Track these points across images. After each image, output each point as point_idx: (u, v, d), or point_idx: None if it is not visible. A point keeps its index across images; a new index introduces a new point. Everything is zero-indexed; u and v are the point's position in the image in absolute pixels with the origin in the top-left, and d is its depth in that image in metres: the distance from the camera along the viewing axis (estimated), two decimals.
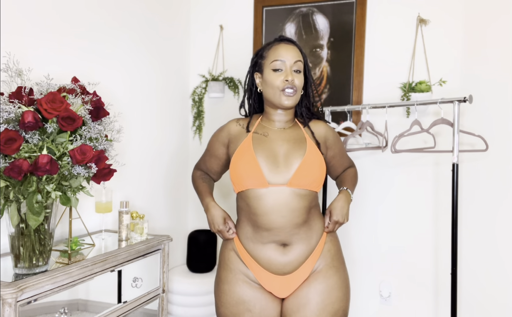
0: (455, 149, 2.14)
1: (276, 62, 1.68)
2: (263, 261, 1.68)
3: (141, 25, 2.58)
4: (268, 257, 1.67)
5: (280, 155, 1.67)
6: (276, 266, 1.67)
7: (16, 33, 1.84)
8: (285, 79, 1.67)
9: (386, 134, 2.46)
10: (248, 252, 1.70)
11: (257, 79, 1.78)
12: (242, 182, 1.66)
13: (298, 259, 1.68)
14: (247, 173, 1.64)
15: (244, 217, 1.71)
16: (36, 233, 1.56)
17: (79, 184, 1.59)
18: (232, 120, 1.83)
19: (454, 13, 2.55)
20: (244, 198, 1.68)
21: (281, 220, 1.64)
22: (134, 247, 1.99)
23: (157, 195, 2.77)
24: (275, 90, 1.68)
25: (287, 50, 1.70)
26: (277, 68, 1.68)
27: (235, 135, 1.77)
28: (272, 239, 1.66)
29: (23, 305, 1.46)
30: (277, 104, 1.71)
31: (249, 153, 1.66)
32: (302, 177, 1.64)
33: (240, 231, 1.74)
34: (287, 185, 1.63)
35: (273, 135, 1.73)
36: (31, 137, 1.48)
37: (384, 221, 2.72)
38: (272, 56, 1.70)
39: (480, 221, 2.52)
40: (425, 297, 2.66)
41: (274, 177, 1.64)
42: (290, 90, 1.68)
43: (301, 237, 1.68)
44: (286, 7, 2.87)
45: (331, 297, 1.69)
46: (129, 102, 2.49)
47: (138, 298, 2.01)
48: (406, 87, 2.59)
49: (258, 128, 1.76)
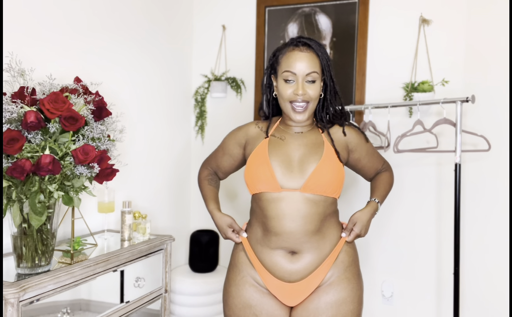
0: (457, 149, 2.13)
1: (286, 73, 1.59)
2: (269, 266, 1.62)
3: (144, 25, 2.58)
4: (275, 262, 1.61)
5: (295, 160, 1.61)
6: (282, 273, 1.61)
7: (19, 33, 1.85)
8: (295, 93, 1.58)
9: (388, 134, 2.46)
10: (256, 255, 1.65)
11: (274, 82, 1.69)
12: (256, 185, 1.61)
13: (307, 268, 1.60)
14: (260, 176, 1.60)
15: (256, 220, 1.66)
16: (39, 233, 1.56)
17: (81, 184, 1.59)
18: (251, 122, 1.78)
19: (456, 13, 2.55)
20: (257, 200, 1.64)
21: (292, 225, 1.57)
22: (137, 247, 1.99)
23: (160, 195, 2.78)
24: (286, 102, 1.61)
25: (301, 60, 1.58)
26: (288, 79, 1.59)
27: (253, 137, 1.71)
28: (281, 245, 1.60)
29: (26, 305, 1.46)
30: (289, 116, 1.65)
31: (263, 157, 1.61)
32: (316, 182, 1.57)
33: (251, 233, 1.68)
34: (300, 190, 1.57)
35: (290, 139, 1.67)
36: (34, 137, 1.48)
37: (386, 221, 2.72)
38: (284, 65, 1.60)
39: (483, 221, 2.52)
40: (427, 297, 2.66)
41: (287, 182, 1.58)
42: (301, 104, 1.60)
43: (312, 245, 1.60)
44: (289, 7, 2.87)
45: (342, 311, 1.59)
46: (132, 102, 2.49)
47: (140, 298, 2.01)
48: (409, 87, 2.59)
49: (276, 131, 1.70)
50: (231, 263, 1.74)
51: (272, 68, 1.69)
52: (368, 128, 2.50)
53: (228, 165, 1.82)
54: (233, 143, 1.77)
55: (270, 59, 1.70)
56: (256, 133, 1.72)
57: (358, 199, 2.67)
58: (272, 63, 1.68)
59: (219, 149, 1.84)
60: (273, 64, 1.67)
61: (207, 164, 1.89)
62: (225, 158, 1.81)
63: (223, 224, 1.71)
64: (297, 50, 1.60)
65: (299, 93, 1.58)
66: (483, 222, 2.52)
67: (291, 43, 1.63)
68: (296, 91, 1.58)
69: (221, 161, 1.82)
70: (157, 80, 2.72)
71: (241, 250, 1.70)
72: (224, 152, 1.80)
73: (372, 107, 2.42)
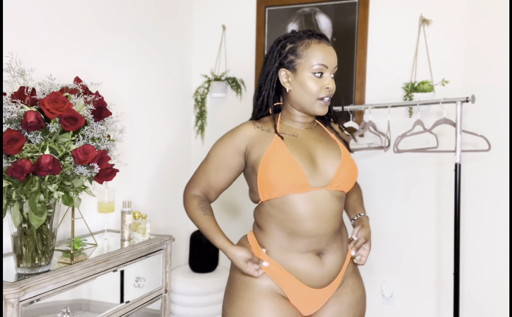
0: (457, 149, 2.13)
1: (319, 67, 1.48)
2: (301, 272, 1.49)
3: (144, 25, 2.58)
4: (307, 267, 1.49)
5: (317, 156, 1.52)
6: (314, 278, 1.50)
7: (19, 33, 1.85)
8: (326, 87, 1.49)
9: (388, 134, 2.46)
10: (280, 264, 1.50)
11: (284, 77, 1.54)
12: (279, 187, 1.45)
13: (333, 269, 1.53)
14: (287, 176, 1.44)
15: (276, 226, 1.50)
16: (39, 233, 1.56)
17: (81, 184, 1.59)
18: (246, 123, 1.56)
19: (456, 13, 2.55)
20: (279, 205, 1.48)
21: (324, 225, 1.48)
22: (137, 247, 1.99)
23: (160, 195, 2.78)
24: (312, 97, 1.50)
25: (331, 54, 1.51)
26: (319, 73, 1.49)
27: (257, 138, 1.52)
28: (311, 248, 1.49)
29: (26, 305, 1.46)
30: (309, 111, 1.53)
31: (286, 155, 1.47)
32: (342, 178, 1.51)
33: (270, 241, 1.52)
34: (327, 188, 1.49)
35: (302, 135, 1.56)
36: (34, 137, 1.48)
37: (386, 221, 2.72)
38: (314, 59, 1.48)
39: (482, 221, 2.52)
40: (427, 297, 2.66)
41: (315, 180, 1.47)
42: (328, 98, 1.52)
43: (337, 245, 1.53)
44: (289, 7, 2.87)
45: (360, 308, 1.59)
46: (132, 102, 2.49)
47: (140, 298, 2.01)
48: (409, 87, 2.59)
49: (282, 129, 1.56)
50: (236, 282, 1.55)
51: (285, 61, 1.53)
52: (368, 128, 2.50)
53: (224, 181, 1.59)
54: (230, 153, 1.54)
55: (278, 51, 1.54)
56: (258, 134, 1.53)
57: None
58: (286, 56, 1.53)
59: (209, 164, 1.58)
60: (286, 56, 1.53)
61: (194, 188, 1.62)
62: (221, 172, 1.57)
63: (241, 260, 1.50)
64: (324, 42, 1.52)
65: (331, 87, 1.50)
66: (483, 222, 2.51)
67: (311, 35, 1.53)
68: (328, 85, 1.49)
69: (215, 177, 1.58)
70: (157, 80, 2.72)
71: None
72: (218, 166, 1.57)
73: (372, 107, 2.42)
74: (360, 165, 2.75)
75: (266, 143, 1.51)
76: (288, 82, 1.54)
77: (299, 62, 1.51)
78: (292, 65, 1.52)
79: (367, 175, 2.74)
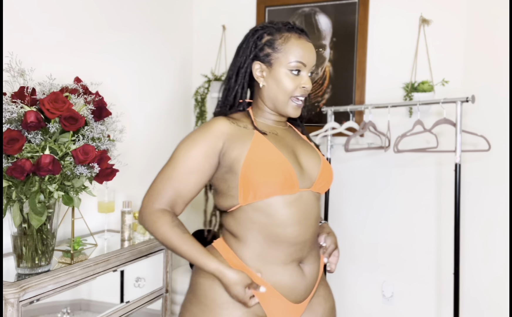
0: (457, 149, 2.13)
1: (297, 64, 1.35)
2: (286, 287, 1.34)
3: (144, 25, 2.58)
4: (293, 280, 1.35)
5: (301, 156, 1.40)
6: (299, 292, 1.36)
7: (19, 33, 1.85)
8: (302, 86, 1.36)
9: (388, 134, 2.46)
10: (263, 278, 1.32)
11: (258, 71, 1.39)
12: (267, 187, 1.29)
13: (313, 280, 1.41)
14: (277, 175, 1.29)
15: (258, 233, 1.32)
16: (39, 233, 1.56)
17: (81, 184, 1.60)
18: (220, 119, 1.36)
19: (456, 13, 2.55)
20: (264, 208, 1.30)
21: (310, 230, 1.36)
22: (137, 247, 1.99)
23: None
24: (286, 96, 1.36)
25: (310, 51, 1.38)
26: (297, 70, 1.36)
27: (234, 135, 1.34)
28: (294, 257, 1.35)
29: (26, 305, 1.46)
30: (281, 110, 1.39)
31: (274, 154, 1.32)
32: (324, 179, 1.41)
33: (250, 252, 1.34)
34: (311, 189, 1.38)
35: (281, 134, 1.43)
36: (34, 137, 1.48)
37: (386, 221, 2.72)
38: (292, 55, 1.35)
39: (482, 221, 2.52)
40: (427, 297, 2.66)
41: (301, 181, 1.34)
42: (302, 98, 1.39)
43: (315, 252, 1.42)
44: (289, 7, 2.87)
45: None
46: (132, 102, 2.49)
47: (141, 298, 2.01)
48: (409, 87, 2.59)
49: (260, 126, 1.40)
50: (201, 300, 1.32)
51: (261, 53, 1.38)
52: (368, 128, 2.50)
53: (196, 188, 1.34)
54: (203, 153, 1.32)
55: (254, 41, 1.39)
56: (235, 130, 1.35)
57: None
58: (262, 48, 1.38)
59: (177, 169, 1.33)
60: (263, 48, 1.38)
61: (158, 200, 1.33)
62: (192, 178, 1.32)
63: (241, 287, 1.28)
64: (304, 38, 1.39)
65: (307, 86, 1.37)
66: (483, 222, 2.51)
67: (291, 29, 1.39)
68: (305, 84, 1.36)
69: (185, 184, 1.32)
70: (157, 80, 2.72)
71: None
72: (189, 170, 1.32)
73: (372, 107, 2.42)
74: (360, 165, 2.76)
75: (246, 140, 1.33)
76: (262, 77, 1.39)
77: (276, 57, 1.36)
78: (268, 59, 1.37)
79: (367, 175, 2.74)
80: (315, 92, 2.83)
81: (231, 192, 1.32)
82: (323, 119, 2.76)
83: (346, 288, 2.82)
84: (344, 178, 2.79)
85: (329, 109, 2.59)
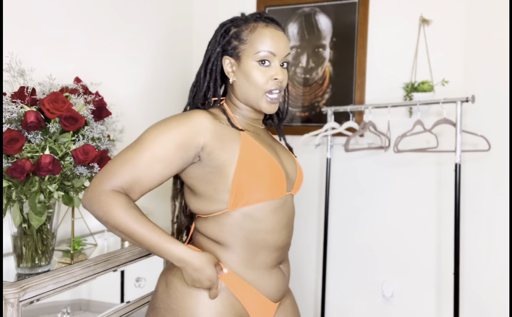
0: (457, 149, 2.13)
1: (265, 54, 1.26)
2: (272, 291, 1.32)
3: (144, 25, 2.58)
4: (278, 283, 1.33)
5: (282, 158, 1.37)
6: (282, 292, 1.37)
7: (19, 33, 1.85)
8: (274, 77, 1.27)
9: (388, 134, 2.46)
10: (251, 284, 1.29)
11: (227, 66, 1.33)
12: (259, 192, 1.23)
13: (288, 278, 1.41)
14: (270, 180, 1.24)
15: (246, 239, 1.27)
16: (39, 233, 1.56)
17: (81, 184, 1.60)
18: (200, 112, 1.25)
19: (456, 13, 2.55)
20: (254, 213, 1.25)
21: (291, 233, 1.35)
22: (137, 247, 1.99)
23: (160, 195, 2.77)
24: (258, 90, 1.28)
25: (279, 38, 1.28)
26: (266, 61, 1.27)
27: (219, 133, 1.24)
28: (279, 261, 1.34)
29: (26, 305, 1.46)
30: (255, 106, 1.31)
31: (266, 157, 1.26)
32: (300, 180, 1.39)
33: (236, 258, 1.27)
34: (291, 192, 1.36)
35: (262, 134, 1.37)
36: (34, 137, 1.48)
37: (386, 221, 2.72)
38: (259, 44, 1.26)
39: (482, 221, 2.52)
40: (427, 297, 2.66)
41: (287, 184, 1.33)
42: (276, 92, 1.30)
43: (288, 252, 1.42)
44: (289, 7, 2.87)
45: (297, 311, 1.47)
46: (132, 102, 2.49)
47: (141, 298, 2.01)
48: (409, 87, 2.59)
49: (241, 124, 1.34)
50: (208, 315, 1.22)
51: (229, 47, 1.33)
52: (368, 128, 2.50)
53: (158, 178, 1.21)
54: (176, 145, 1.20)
55: (221, 35, 1.35)
56: (220, 128, 1.25)
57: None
58: (229, 41, 1.32)
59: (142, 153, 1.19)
60: (230, 41, 1.32)
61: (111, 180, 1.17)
62: (157, 167, 1.19)
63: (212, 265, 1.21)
64: (272, 27, 1.30)
65: (279, 78, 1.27)
66: (483, 222, 2.51)
67: (259, 19, 1.32)
68: (276, 75, 1.27)
69: (148, 171, 1.19)
70: (157, 80, 2.72)
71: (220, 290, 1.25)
72: (156, 158, 1.19)
73: (372, 107, 2.42)
74: (360, 165, 2.76)
75: (234, 141, 1.25)
76: (232, 72, 1.32)
77: (243, 48, 1.29)
78: (235, 52, 1.30)
79: (367, 175, 2.74)
80: (315, 92, 2.83)
81: (219, 196, 1.23)
82: (323, 119, 2.76)
83: (346, 288, 2.83)
84: (344, 178, 2.79)
85: (329, 109, 2.59)
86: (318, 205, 2.87)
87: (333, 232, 2.83)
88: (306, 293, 2.93)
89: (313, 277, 2.91)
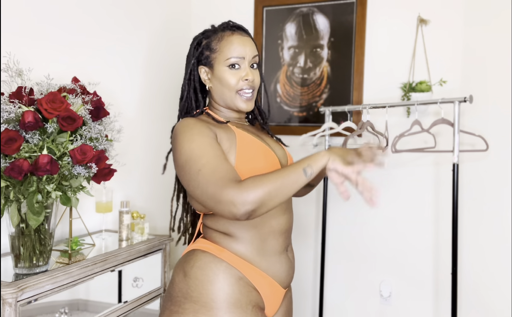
0: (455, 149, 2.13)
1: (234, 59, 1.40)
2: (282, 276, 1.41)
3: (142, 25, 2.58)
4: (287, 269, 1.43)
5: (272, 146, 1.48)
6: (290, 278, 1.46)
7: (17, 33, 1.85)
8: (245, 78, 1.41)
9: (386, 134, 2.46)
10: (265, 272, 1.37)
11: (204, 74, 1.48)
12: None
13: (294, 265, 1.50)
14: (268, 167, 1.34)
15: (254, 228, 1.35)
16: (37, 233, 1.56)
17: (79, 184, 1.59)
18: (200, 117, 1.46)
19: (454, 13, 2.55)
20: None
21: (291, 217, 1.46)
22: (135, 247, 1.99)
23: (158, 195, 2.77)
24: (231, 91, 1.42)
25: (245, 43, 1.42)
26: (235, 65, 1.41)
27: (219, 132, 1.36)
28: (285, 245, 1.44)
29: (24, 305, 1.46)
30: (232, 106, 1.45)
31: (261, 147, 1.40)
32: None
33: (249, 247, 1.35)
34: None
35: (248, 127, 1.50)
36: (32, 137, 1.48)
37: (384, 221, 2.72)
38: (227, 51, 1.41)
39: (480, 221, 2.52)
40: (425, 297, 2.66)
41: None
42: (249, 91, 1.43)
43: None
44: (287, 7, 2.87)
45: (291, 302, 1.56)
46: (130, 102, 2.49)
47: (138, 298, 2.01)
48: (407, 87, 2.59)
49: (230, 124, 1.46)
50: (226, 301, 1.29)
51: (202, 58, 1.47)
52: (366, 128, 2.50)
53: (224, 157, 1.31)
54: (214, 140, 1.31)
55: (195, 48, 1.49)
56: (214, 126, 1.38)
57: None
58: (202, 52, 1.46)
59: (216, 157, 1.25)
60: (202, 53, 1.46)
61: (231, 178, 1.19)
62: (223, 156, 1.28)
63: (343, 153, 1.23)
64: (237, 34, 1.44)
65: (249, 78, 1.41)
66: (481, 222, 2.52)
67: (226, 28, 1.45)
68: (246, 76, 1.41)
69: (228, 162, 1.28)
70: (155, 80, 2.72)
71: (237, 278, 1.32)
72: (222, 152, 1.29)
73: (370, 107, 2.43)
74: None
75: (230, 133, 1.37)
76: (208, 79, 1.48)
77: (214, 57, 1.44)
78: (209, 61, 1.45)
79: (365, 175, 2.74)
80: (313, 92, 2.83)
81: None
82: (321, 119, 2.77)
83: (344, 287, 2.83)
84: None
85: (326, 109, 2.59)
86: (316, 205, 2.88)
87: (331, 231, 2.84)
88: (304, 292, 2.93)
89: (311, 277, 2.91)
